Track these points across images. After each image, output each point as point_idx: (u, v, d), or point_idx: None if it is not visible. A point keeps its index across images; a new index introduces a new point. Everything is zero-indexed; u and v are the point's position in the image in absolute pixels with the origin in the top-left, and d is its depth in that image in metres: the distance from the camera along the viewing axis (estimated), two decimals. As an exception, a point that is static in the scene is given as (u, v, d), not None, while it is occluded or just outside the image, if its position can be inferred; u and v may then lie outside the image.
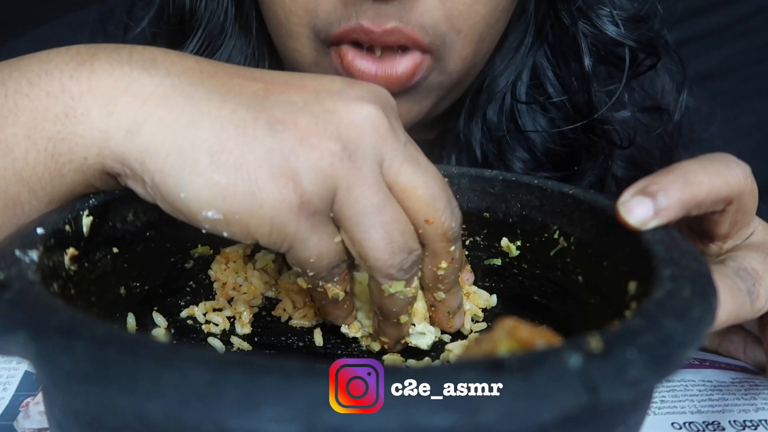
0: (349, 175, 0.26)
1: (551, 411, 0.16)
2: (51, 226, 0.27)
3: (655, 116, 0.53)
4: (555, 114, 0.52)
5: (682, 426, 0.32)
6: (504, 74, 0.51)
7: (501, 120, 0.52)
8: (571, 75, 0.50)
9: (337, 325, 0.35)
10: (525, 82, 0.51)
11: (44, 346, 0.18)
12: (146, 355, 0.17)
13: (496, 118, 0.52)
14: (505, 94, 0.52)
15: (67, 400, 0.19)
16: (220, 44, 0.49)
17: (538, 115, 0.52)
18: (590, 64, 0.49)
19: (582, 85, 0.49)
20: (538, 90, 0.52)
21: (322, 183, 0.26)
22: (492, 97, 0.52)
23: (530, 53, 0.51)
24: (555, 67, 0.51)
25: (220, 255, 0.37)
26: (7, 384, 0.35)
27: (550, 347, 0.19)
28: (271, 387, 0.16)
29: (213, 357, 0.17)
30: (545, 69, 0.51)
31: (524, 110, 0.52)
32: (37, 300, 0.20)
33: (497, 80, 0.52)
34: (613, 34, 0.48)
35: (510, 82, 0.52)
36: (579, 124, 0.50)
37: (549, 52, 0.51)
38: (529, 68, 0.51)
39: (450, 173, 0.38)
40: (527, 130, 0.52)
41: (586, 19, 0.48)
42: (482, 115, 0.53)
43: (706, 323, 0.21)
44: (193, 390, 0.16)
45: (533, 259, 0.35)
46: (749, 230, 0.32)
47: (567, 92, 0.51)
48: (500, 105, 0.52)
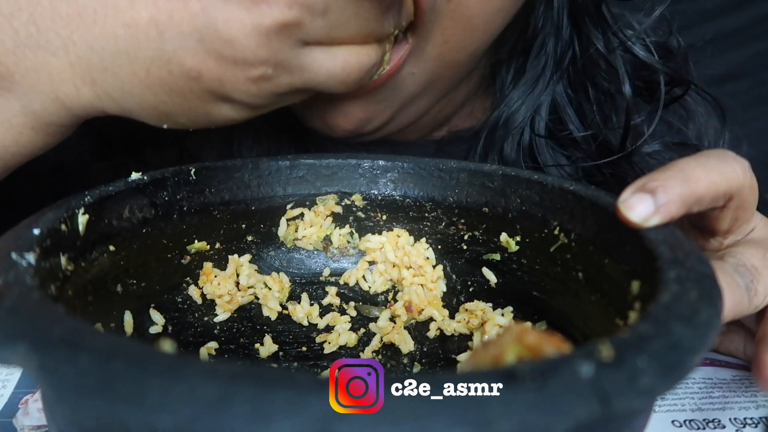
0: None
1: (566, 422, 0.16)
2: (47, 225, 0.26)
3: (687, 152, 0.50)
4: (576, 152, 0.50)
5: (683, 424, 0.32)
6: (521, 109, 0.50)
7: (519, 156, 0.50)
8: (594, 110, 0.49)
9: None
10: (544, 118, 0.50)
11: (47, 358, 0.17)
12: (154, 367, 0.17)
13: (514, 154, 0.50)
14: (523, 130, 0.50)
15: (71, 412, 0.18)
16: None
17: (558, 153, 0.50)
18: (630, 92, 0.47)
19: (613, 118, 0.47)
20: (558, 126, 0.50)
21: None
22: (509, 132, 0.50)
23: (549, 87, 0.49)
24: (576, 101, 0.49)
25: (202, 274, 0.36)
26: (6, 381, 0.34)
27: (560, 355, 0.19)
28: (283, 400, 0.16)
29: (223, 369, 0.17)
30: (565, 104, 0.50)
31: (543, 147, 0.50)
32: (37, 307, 0.20)
33: (514, 115, 0.50)
34: (647, 60, 0.47)
35: (528, 117, 0.50)
36: (611, 159, 0.48)
37: (570, 86, 0.49)
38: (548, 103, 0.50)
39: (449, 167, 0.38)
40: (549, 165, 0.50)
41: (621, 45, 0.47)
42: (498, 152, 0.51)
43: (714, 328, 0.21)
44: (204, 404, 0.16)
45: (533, 255, 0.35)
46: (750, 226, 0.32)
47: (591, 127, 0.49)
48: (518, 141, 0.50)
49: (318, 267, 0.39)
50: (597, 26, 0.47)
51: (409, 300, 0.37)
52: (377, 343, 0.36)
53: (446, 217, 0.38)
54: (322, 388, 0.16)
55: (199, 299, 0.36)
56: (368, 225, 0.39)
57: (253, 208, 0.37)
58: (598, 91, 0.49)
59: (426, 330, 0.37)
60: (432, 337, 0.36)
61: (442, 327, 0.36)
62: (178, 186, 0.34)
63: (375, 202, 0.39)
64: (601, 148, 0.49)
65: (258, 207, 0.38)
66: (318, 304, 0.38)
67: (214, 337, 0.35)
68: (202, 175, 0.35)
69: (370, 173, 0.39)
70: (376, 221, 0.39)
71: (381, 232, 0.39)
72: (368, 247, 0.39)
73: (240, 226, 0.38)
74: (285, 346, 0.35)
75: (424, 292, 0.38)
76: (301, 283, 0.39)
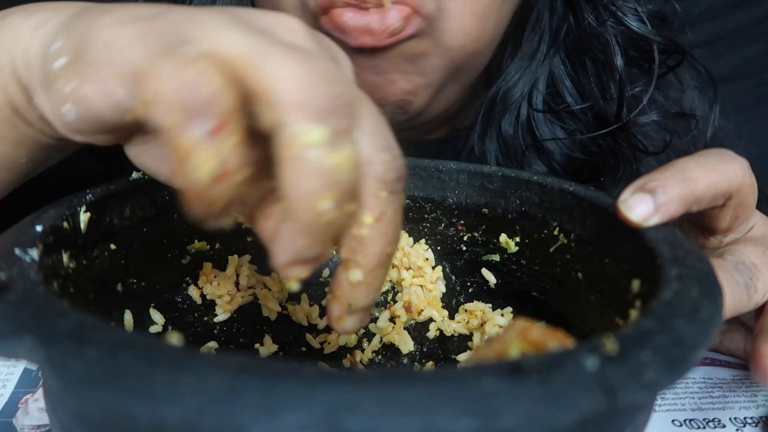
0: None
1: (571, 415, 0.16)
2: (49, 222, 0.26)
3: (682, 123, 0.52)
4: (574, 124, 0.50)
5: (683, 423, 0.32)
6: (519, 84, 0.50)
7: (517, 132, 0.51)
8: (591, 81, 0.49)
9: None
10: (542, 91, 0.50)
11: (54, 351, 0.17)
12: (162, 359, 0.17)
13: (512, 129, 0.51)
14: (521, 105, 0.50)
15: (78, 405, 0.18)
16: None
17: (556, 127, 0.51)
18: (623, 64, 0.47)
19: (611, 89, 0.48)
20: (556, 99, 0.50)
21: None
22: (507, 107, 0.50)
23: (546, 61, 0.50)
24: (573, 74, 0.50)
25: (202, 274, 0.36)
26: (6, 381, 0.34)
27: (565, 349, 0.19)
28: (291, 392, 0.16)
29: (231, 362, 0.17)
30: (562, 77, 0.50)
31: (541, 121, 0.50)
32: (42, 301, 0.20)
33: (512, 90, 0.50)
34: (640, 30, 0.47)
35: (526, 91, 0.50)
36: (607, 129, 0.48)
37: (567, 59, 0.50)
38: (545, 77, 0.50)
39: (448, 168, 0.38)
40: (546, 139, 0.50)
41: (613, 17, 0.47)
42: (497, 128, 0.51)
43: (715, 324, 0.21)
44: (212, 395, 0.16)
45: (532, 256, 0.36)
46: (750, 224, 0.33)
47: (589, 99, 0.49)
48: (516, 116, 0.51)
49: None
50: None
51: (409, 300, 0.37)
52: (377, 344, 0.36)
53: (446, 218, 0.38)
54: (331, 380, 0.16)
55: (199, 299, 0.36)
56: (368, 226, 0.39)
57: (253, 208, 0.37)
58: (595, 63, 0.49)
59: (426, 330, 0.37)
60: (432, 337, 0.37)
61: (441, 327, 0.37)
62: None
63: (375, 203, 0.39)
64: (598, 120, 0.50)
65: (258, 207, 0.38)
66: (318, 305, 0.38)
67: (213, 337, 0.35)
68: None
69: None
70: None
71: (380, 233, 0.39)
72: (368, 247, 0.39)
73: (240, 226, 0.37)
74: (285, 346, 0.35)
75: (423, 292, 0.38)
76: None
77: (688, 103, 0.53)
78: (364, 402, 0.16)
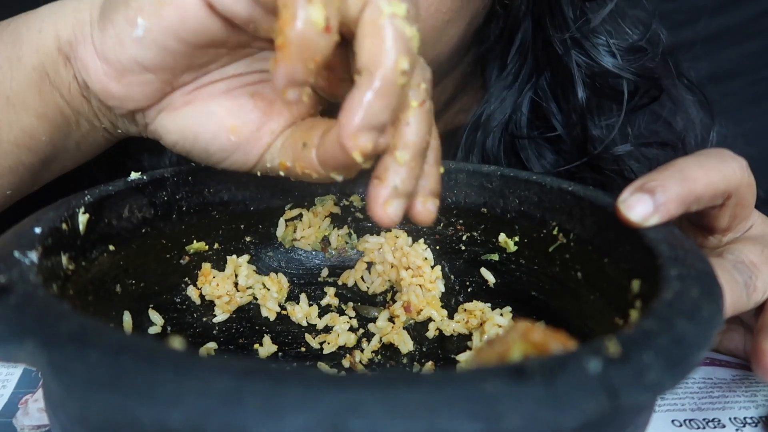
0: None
1: (575, 417, 0.17)
2: (48, 224, 0.26)
3: (668, 150, 0.51)
4: (559, 146, 0.50)
5: (683, 423, 0.32)
6: (501, 107, 0.50)
7: (499, 154, 0.51)
8: (570, 109, 0.49)
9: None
10: (525, 114, 0.50)
11: (57, 354, 0.17)
12: (165, 362, 0.17)
13: (495, 150, 0.51)
14: (506, 125, 0.50)
15: (80, 408, 0.18)
16: None
17: (542, 148, 0.51)
18: (584, 97, 0.47)
19: (578, 119, 0.48)
20: (540, 122, 0.50)
21: None
22: (488, 132, 0.50)
23: (528, 87, 0.50)
24: (553, 101, 0.50)
25: (201, 275, 0.36)
26: (6, 381, 0.34)
27: (568, 352, 0.19)
28: (295, 395, 0.16)
29: (234, 364, 0.17)
30: (548, 101, 0.50)
31: (525, 143, 0.51)
32: (43, 304, 0.20)
33: (495, 113, 0.50)
34: (609, 66, 0.46)
35: (508, 114, 0.50)
36: (578, 162, 0.49)
37: (547, 85, 0.50)
38: (528, 101, 0.50)
39: (447, 168, 0.38)
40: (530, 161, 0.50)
41: (580, 49, 0.47)
42: (480, 150, 0.51)
43: (716, 324, 0.21)
44: (216, 398, 0.16)
45: (531, 255, 0.36)
46: (749, 223, 0.33)
47: (566, 126, 0.49)
48: (500, 138, 0.51)
49: (316, 267, 0.39)
50: (556, 28, 0.47)
51: (408, 300, 0.37)
52: (376, 344, 0.36)
53: (444, 217, 0.38)
54: (334, 383, 0.16)
55: (198, 300, 0.36)
56: (366, 226, 0.39)
57: (251, 208, 0.37)
58: (564, 92, 0.49)
59: (425, 330, 0.37)
60: (431, 337, 0.37)
61: (441, 327, 0.37)
62: (177, 186, 0.34)
63: (373, 202, 0.39)
64: (579, 147, 0.50)
65: (256, 207, 0.38)
66: (317, 305, 0.38)
67: (212, 337, 0.35)
68: (201, 176, 0.35)
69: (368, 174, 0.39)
70: (374, 222, 0.39)
71: (379, 232, 0.39)
72: (366, 247, 0.39)
73: (239, 226, 0.37)
74: (284, 346, 0.35)
75: (422, 292, 0.38)
76: (299, 284, 0.39)
77: (683, 122, 0.52)
78: (368, 405, 0.16)
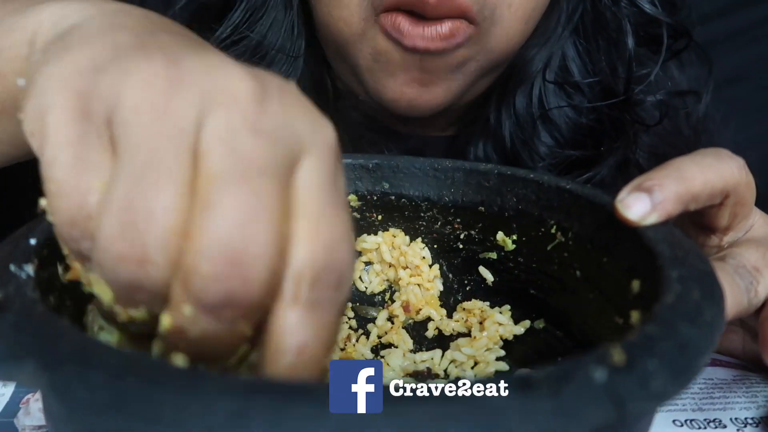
0: None
1: (582, 428, 0.17)
2: (43, 234, 0.26)
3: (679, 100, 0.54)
4: (580, 99, 0.52)
5: (684, 423, 0.32)
6: (534, 60, 0.52)
7: (530, 104, 0.53)
8: (602, 60, 0.51)
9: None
10: (554, 67, 0.52)
11: (57, 376, 0.17)
12: (168, 382, 0.16)
13: (525, 102, 0.53)
14: (534, 80, 0.52)
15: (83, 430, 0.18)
16: (260, 16, 0.48)
17: (563, 101, 0.53)
18: (633, 44, 0.49)
19: (618, 68, 0.50)
20: (565, 74, 0.52)
21: None
22: (522, 81, 0.52)
23: (562, 38, 0.51)
24: (586, 51, 0.52)
25: None
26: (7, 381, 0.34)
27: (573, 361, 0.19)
28: (301, 413, 0.16)
29: (238, 384, 0.16)
30: (574, 53, 0.52)
31: (551, 94, 0.52)
32: (42, 322, 0.19)
33: (528, 65, 0.52)
34: (652, 12, 0.49)
35: (540, 67, 0.52)
36: (613, 101, 0.50)
37: (581, 36, 0.51)
38: (559, 53, 0.52)
39: (444, 167, 0.37)
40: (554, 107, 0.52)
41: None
42: (512, 101, 0.53)
43: (718, 327, 0.21)
44: (220, 419, 0.16)
45: (530, 253, 0.35)
46: (749, 222, 0.33)
47: (600, 75, 0.51)
48: (529, 90, 0.53)
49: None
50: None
51: (407, 300, 0.37)
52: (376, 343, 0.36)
53: (442, 216, 0.38)
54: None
55: None
56: (364, 225, 0.39)
57: (247, 210, 0.37)
58: (607, 42, 0.51)
59: (424, 330, 0.37)
60: (431, 336, 0.36)
61: (440, 326, 0.37)
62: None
63: (370, 202, 0.39)
64: (605, 95, 0.52)
65: (253, 209, 0.37)
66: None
67: (211, 341, 0.35)
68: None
69: (365, 173, 0.39)
70: (371, 221, 0.39)
71: (377, 232, 0.39)
72: (364, 247, 0.39)
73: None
74: (283, 349, 0.35)
75: (421, 291, 0.38)
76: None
77: (686, 80, 0.54)
78: (376, 421, 0.16)
